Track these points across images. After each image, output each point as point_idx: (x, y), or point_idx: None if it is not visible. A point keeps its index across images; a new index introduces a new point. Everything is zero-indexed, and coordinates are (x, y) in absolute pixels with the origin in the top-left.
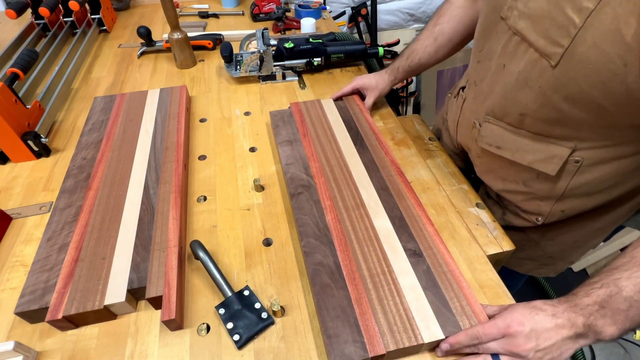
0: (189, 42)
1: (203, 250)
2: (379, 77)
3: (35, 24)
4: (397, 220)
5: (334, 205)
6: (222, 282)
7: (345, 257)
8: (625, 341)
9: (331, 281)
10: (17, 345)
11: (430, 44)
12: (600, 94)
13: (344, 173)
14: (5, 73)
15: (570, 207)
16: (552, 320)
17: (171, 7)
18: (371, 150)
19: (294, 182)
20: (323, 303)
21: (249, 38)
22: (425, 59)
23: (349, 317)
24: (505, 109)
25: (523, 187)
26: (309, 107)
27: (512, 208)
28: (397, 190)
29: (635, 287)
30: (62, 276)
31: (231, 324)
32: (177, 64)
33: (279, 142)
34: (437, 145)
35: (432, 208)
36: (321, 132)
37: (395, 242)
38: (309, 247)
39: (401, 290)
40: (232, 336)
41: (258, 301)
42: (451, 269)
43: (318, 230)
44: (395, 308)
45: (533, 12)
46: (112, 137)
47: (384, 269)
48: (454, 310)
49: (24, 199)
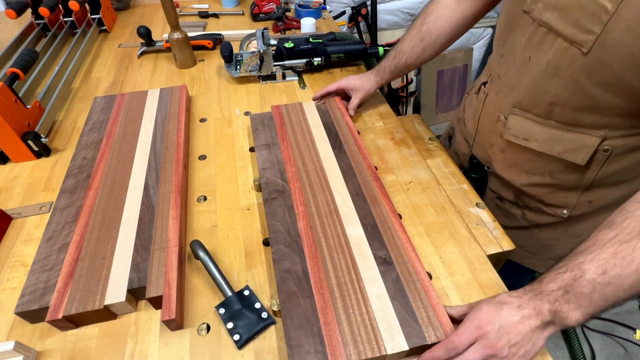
0: (189, 42)
1: (203, 250)
2: (365, 78)
3: (35, 24)
4: (369, 227)
5: (307, 211)
6: (222, 282)
7: (314, 265)
8: (625, 341)
9: (298, 289)
10: (17, 345)
11: (417, 44)
12: (635, 76)
13: (319, 178)
14: (5, 73)
15: (598, 198)
16: (518, 312)
17: (171, 7)
18: (349, 154)
19: (269, 187)
20: (288, 312)
21: (249, 38)
22: (412, 59)
23: (312, 327)
24: (534, 100)
25: (549, 179)
26: (289, 110)
27: (535, 204)
28: (372, 196)
29: (597, 269)
30: (62, 276)
31: (231, 323)
32: (177, 64)
33: (257, 146)
34: (437, 145)
35: (432, 208)
36: (300, 136)
37: (366, 249)
38: (278, 255)
39: (368, 300)
40: (232, 336)
41: (258, 301)
42: (420, 278)
43: (289, 237)
44: (360, 318)
45: (560, 3)
46: (112, 137)
47: (352, 278)
48: (420, 321)
49: (24, 199)
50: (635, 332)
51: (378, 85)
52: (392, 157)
